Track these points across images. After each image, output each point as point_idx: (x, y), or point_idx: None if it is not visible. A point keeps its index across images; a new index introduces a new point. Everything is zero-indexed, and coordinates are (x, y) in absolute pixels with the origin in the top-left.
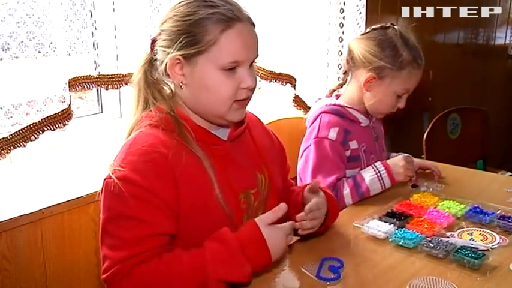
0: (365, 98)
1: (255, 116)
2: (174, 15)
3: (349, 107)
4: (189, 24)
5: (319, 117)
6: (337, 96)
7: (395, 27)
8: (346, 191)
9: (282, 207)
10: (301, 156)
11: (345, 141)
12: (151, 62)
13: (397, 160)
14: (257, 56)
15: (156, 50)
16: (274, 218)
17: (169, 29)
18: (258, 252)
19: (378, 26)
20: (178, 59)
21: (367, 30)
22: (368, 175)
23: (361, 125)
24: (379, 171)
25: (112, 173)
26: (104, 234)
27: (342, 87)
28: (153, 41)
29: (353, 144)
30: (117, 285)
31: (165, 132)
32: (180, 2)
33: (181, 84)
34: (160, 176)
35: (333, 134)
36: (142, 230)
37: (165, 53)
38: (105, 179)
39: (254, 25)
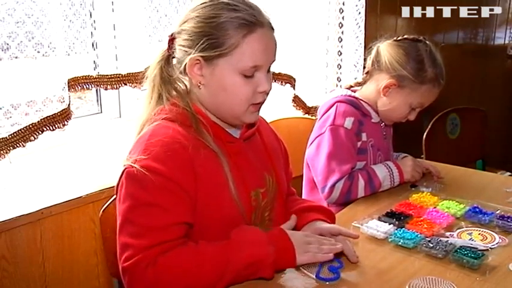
0: (380, 102)
1: (264, 119)
2: (197, 16)
3: (363, 101)
4: (212, 27)
5: (334, 106)
6: (353, 91)
7: (427, 42)
8: (362, 183)
9: None
10: (312, 143)
11: (359, 132)
12: (168, 59)
13: (405, 160)
14: (274, 60)
15: (175, 48)
16: None
17: (191, 29)
18: (283, 244)
19: (411, 36)
20: (198, 60)
21: (399, 37)
22: (381, 171)
23: (372, 120)
24: (391, 170)
25: (133, 163)
26: (125, 222)
27: (360, 85)
28: (172, 39)
29: (363, 137)
30: (141, 273)
31: (182, 126)
32: (202, 3)
33: (199, 84)
34: (182, 166)
35: (348, 123)
36: (165, 218)
37: (185, 52)
38: (125, 169)
39: (273, 29)
